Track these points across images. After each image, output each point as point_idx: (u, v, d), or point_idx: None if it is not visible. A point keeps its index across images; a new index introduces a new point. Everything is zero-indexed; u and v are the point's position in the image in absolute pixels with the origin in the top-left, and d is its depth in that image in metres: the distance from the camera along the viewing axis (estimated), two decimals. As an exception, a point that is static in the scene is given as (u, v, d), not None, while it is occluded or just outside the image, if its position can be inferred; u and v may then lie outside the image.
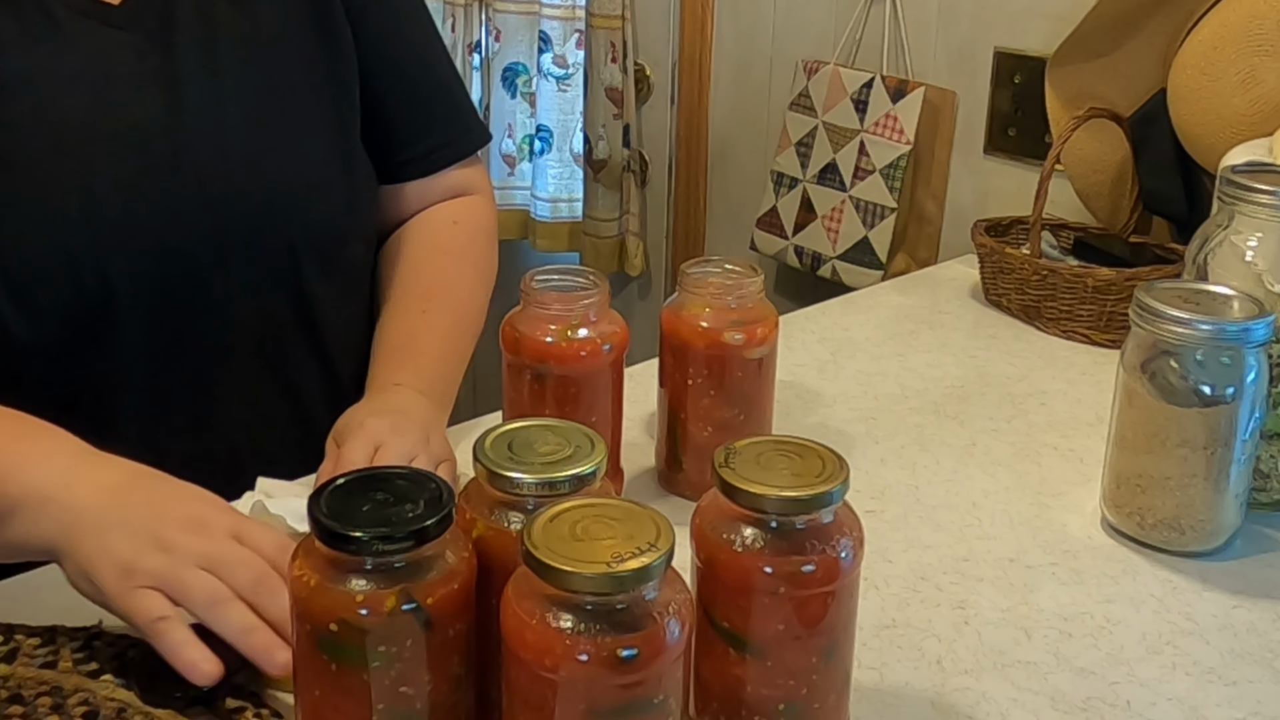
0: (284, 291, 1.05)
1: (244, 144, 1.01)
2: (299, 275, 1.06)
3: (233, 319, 1.03)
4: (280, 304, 1.06)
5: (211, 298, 1.01)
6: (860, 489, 1.01)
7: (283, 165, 1.03)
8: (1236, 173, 1.00)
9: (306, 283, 1.06)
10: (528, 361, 0.93)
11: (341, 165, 1.08)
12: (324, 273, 1.08)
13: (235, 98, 1.01)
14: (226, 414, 1.05)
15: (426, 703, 0.65)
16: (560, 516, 0.63)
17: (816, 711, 0.71)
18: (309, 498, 0.64)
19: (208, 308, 1.01)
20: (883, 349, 1.33)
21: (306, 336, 1.08)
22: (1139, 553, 0.97)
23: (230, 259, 1.01)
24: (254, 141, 1.02)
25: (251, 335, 1.05)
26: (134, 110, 0.97)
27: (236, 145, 1.01)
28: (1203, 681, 0.83)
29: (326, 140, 1.07)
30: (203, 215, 0.99)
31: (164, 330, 1.00)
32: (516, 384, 0.94)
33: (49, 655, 0.78)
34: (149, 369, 1.00)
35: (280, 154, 1.03)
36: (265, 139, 1.02)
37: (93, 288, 0.96)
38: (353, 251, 1.12)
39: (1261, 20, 1.28)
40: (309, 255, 1.06)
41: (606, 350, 0.93)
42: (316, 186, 1.05)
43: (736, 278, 0.98)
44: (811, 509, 0.67)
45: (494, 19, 2.26)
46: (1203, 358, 0.92)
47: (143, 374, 1.00)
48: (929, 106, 1.73)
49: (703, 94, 2.07)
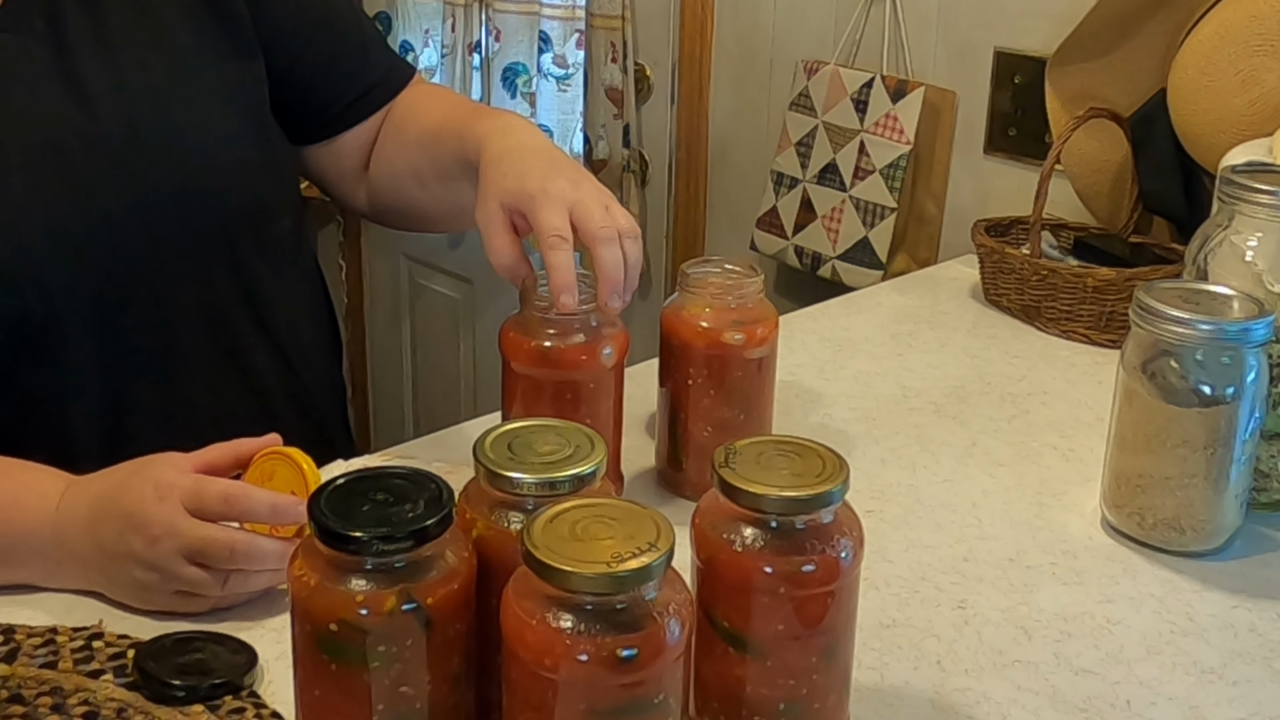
0: (222, 272, 1.05)
1: (154, 127, 1.00)
2: (233, 253, 1.05)
3: (177, 307, 1.03)
4: (221, 286, 1.05)
5: (152, 289, 1.01)
6: (860, 489, 1.01)
7: (196, 143, 1.02)
8: (1236, 173, 1.00)
9: (242, 260, 1.06)
10: (527, 366, 0.92)
11: (256, 137, 1.07)
12: (257, 247, 1.07)
13: (136, 84, 1.00)
14: (186, 405, 1.04)
15: (426, 703, 0.65)
16: (560, 516, 0.63)
17: (817, 711, 0.71)
18: (309, 497, 0.64)
19: (150, 300, 1.01)
20: (883, 349, 1.33)
21: (251, 315, 1.08)
22: (1139, 553, 0.97)
23: (163, 246, 1.00)
24: (163, 123, 1.00)
25: (197, 321, 1.04)
26: (36, 111, 0.96)
27: (147, 129, 0.99)
28: (1203, 681, 0.83)
29: (236, 114, 1.06)
30: (127, 205, 0.98)
31: (111, 330, 0.99)
32: (516, 389, 0.94)
33: (49, 655, 0.78)
34: (102, 371, 1.00)
35: (192, 132, 1.02)
36: (174, 119, 1.01)
37: (32, 299, 0.95)
38: (280, 225, 1.11)
39: (1261, 20, 1.28)
40: (240, 230, 1.05)
41: (606, 354, 0.93)
42: (236, 161, 1.05)
43: (736, 278, 0.98)
44: (811, 509, 0.67)
45: (494, 19, 2.26)
46: (1203, 358, 0.92)
47: (96, 377, 1.00)
48: (929, 106, 1.73)
49: (703, 94, 2.07)
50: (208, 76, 1.05)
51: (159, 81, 1.01)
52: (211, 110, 1.04)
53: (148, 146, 0.99)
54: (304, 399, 1.14)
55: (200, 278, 1.04)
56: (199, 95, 1.03)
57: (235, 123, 1.06)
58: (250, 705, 0.75)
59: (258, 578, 0.83)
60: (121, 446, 0.90)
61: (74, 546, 0.83)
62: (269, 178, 1.09)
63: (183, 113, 1.02)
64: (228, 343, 1.07)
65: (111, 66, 0.99)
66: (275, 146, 1.10)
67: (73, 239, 0.96)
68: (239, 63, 1.07)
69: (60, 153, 0.96)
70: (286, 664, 0.70)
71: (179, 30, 1.04)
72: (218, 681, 0.76)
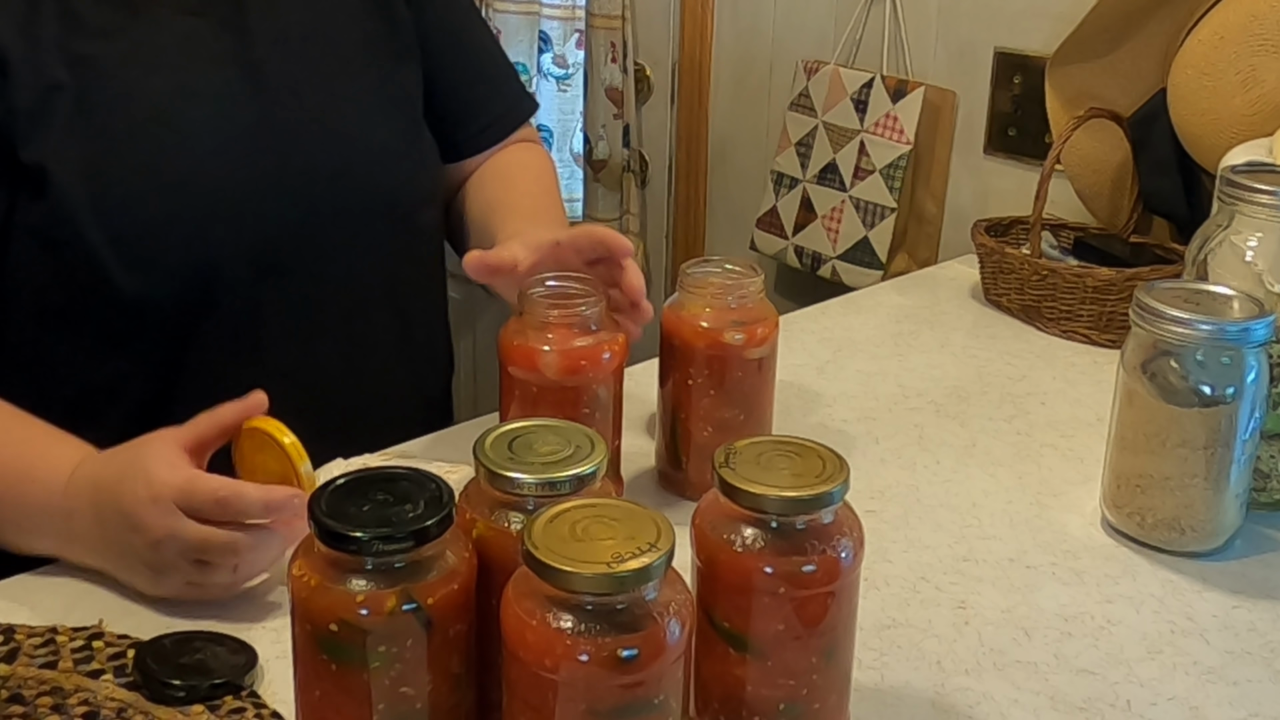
0: (367, 253, 1.12)
1: (319, 115, 1.08)
2: (379, 237, 1.12)
3: (323, 280, 1.09)
4: (365, 266, 1.12)
5: (303, 258, 1.07)
6: (860, 489, 1.01)
7: (357, 134, 1.11)
8: (1236, 173, 1.00)
9: (387, 244, 1.13)
10: (526, 371, 0.92)
11: (409, 133, 1.16)
12: (402, 234, 1.15)
13: (307, 74, 1.09)
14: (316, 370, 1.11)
15: (427, 703, 0.65)
16: (560, 517, 0.63)
17: (817, 711, 0.71)
18: (309, 498, 0.64)
19: (300, 270, 1.07)
20: (883, 349, 1.33)
21: (386, 297, 1.15)
22: (1139, 553, 0.97)
23: (314, 219, 1.07)
24: (328, 112, 1.09)
25: (340, 295, 1.11)
26: (216, 86, 1.05)
27: (312, 116, 1.08)
28: (1203, 681, 0.83)
29: (395, 111, 1.15)
30: (288, 182, 1.06)
31: (263, 291, 1.06)
32: (515, 393, 0.93)
33: (49, 655, 0.78)
34: (250, 328, 1.06)
35: (353, 123, 1.11)
36: (338, 110, 1.10)
37: (198, 250, 1.02)
38: (426, 216, 1.19)
39: (1262, 20, 1.28)
40: (388, 217, 1.12)
41: (606, 359, 0.92)
42: (390, 153, 1.13)
43: (736, 278, 0.98)
44: (812, 509, 0.67)
45: (494, 19, 2.26)
46: (1203, 358, 0.92)
47: (246, 334, 1.06)
48: (929, 106, 1.73)
49: (703, 94, 2.07)
50: (372, 73, 1.13)
51: (326, 71, 1.10)
52: (371, 104, 1.13)
53: (311, 134, 1.08)
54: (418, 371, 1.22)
55: (347, 255, 1.10)
56: (361, 90, 1.12)
57: (392, 117, 1.14)
58: (250, 705, 0.75)
59: (266, 558, 0.84)
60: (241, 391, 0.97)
61: (81, 531, 0.85)
62: (419, 172, 1.17)
63: (344, 108, 1.11)
64: (361, 319, 1.14)
65: (286, 59, 1.08)
66: (424, 143, 1.18)
67: (237, 202, 1.04)
68: (399, 62, 1.16)
69: (233, 126, 1.05)
70: (286, 664, 0.70)
71: (348, 26, 1.13)
72: (218, 681, 0.76)
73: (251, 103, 1.06)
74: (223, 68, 1.05)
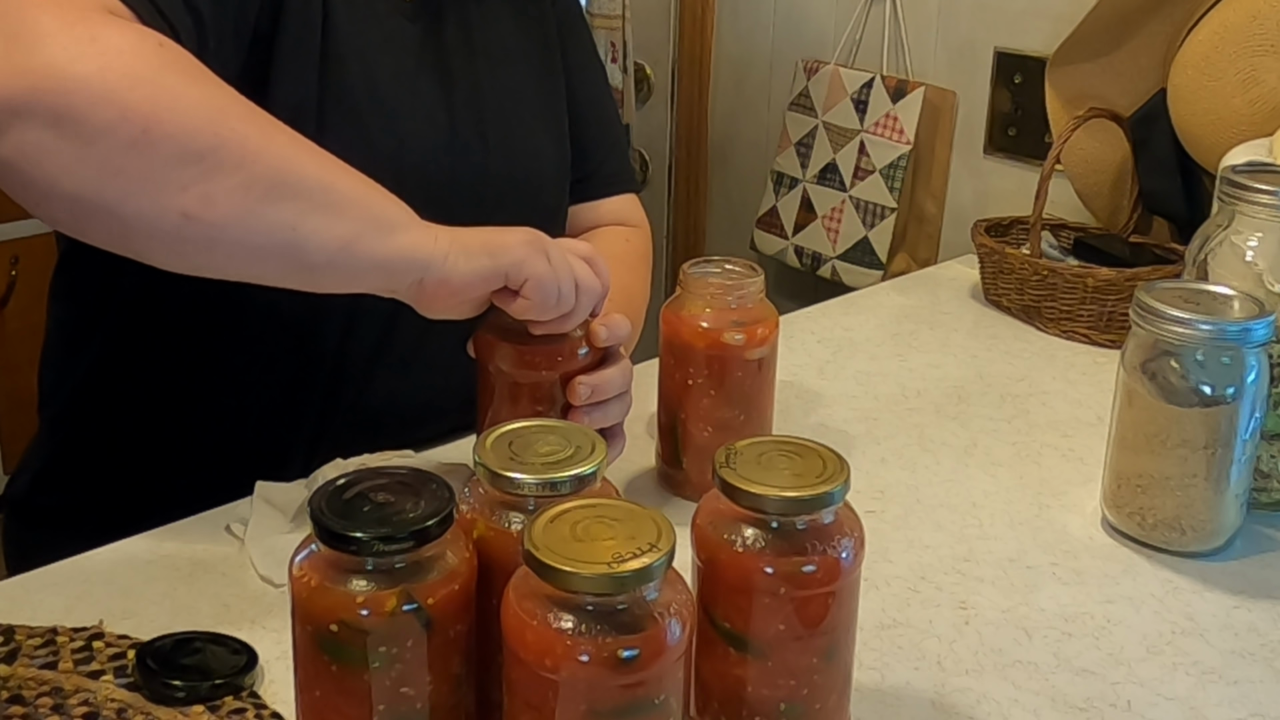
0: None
1: (495, 131, 1.14)
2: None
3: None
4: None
5: None
6: (860, 489, 1.01)
7: (522, 155, 1.16)
8: (1236, 173, 1.00)
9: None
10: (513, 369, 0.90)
11: (560, 164, 1.21)
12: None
13: (489, 92, 1.15)
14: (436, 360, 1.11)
15: (427, 703, 0.65)
16: (561, 517, 0.63)
17: (817, 712, 0.71)
18: (310, 498, 0.64)
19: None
20: (883, 349, 1.33)
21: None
22: (1139, 553, 0.97)
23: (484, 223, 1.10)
24: (502, 130, 1.15)
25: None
26: (420, 86, 1.10)
27: (491, 130, 1.14)
28: (1203, 681, 0.83)
29: (551, 141, 1.21)
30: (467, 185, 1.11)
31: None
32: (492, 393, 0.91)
33: (49, 655, 0.78)
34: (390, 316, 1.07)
35: (520, 146, 1.16)
36: (510, 130, 1.16)
37: None
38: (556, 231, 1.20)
39: (1262, 20, 1.28)
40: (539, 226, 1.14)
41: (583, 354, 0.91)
42: (546, 179, 1.19)
43: (736, 278, 0.98)
44: (812, 509, 0.67)
45: (494, 19, 2.26)
46: (1203, 358, 0.92)
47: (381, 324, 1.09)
48: (929, 106, 1.73)
49: (703, 94, 2.07)
50: (537, 108, 1.20)
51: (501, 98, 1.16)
52: (535, 134, 1.19)
53: (488, 146, 1.13)
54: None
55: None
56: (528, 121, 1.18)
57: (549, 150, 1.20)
58: (250, 705, 0.75)
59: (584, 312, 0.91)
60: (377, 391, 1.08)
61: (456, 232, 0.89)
62: (562, 202, 1.23)
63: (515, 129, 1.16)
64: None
65: (473, 75, 1.14)
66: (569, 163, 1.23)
67: (430, 192, 1.04)
68: (556, 102, 1.22)
69: (432, 125, 1.10)
70: (286, 664, 0.70)
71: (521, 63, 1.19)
72: (218, 681, 0.76)
73: (445, 107, 1.11)
74: (424, 72, 1.11)
